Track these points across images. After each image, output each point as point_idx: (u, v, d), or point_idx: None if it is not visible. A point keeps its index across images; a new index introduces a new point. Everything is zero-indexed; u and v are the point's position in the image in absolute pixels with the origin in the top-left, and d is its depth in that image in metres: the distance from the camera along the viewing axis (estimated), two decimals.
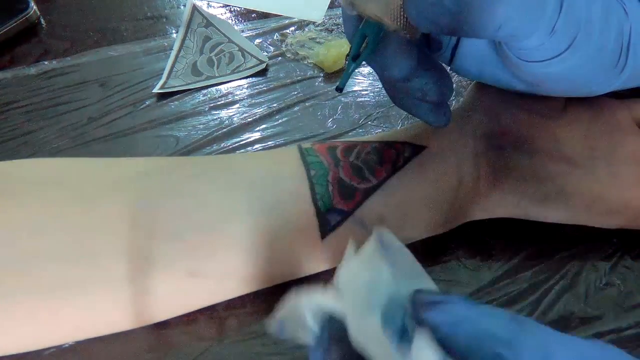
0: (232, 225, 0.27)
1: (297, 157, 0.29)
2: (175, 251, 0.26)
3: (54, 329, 0.25)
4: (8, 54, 0.43)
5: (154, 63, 0.43)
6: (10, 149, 0.36)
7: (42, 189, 0.27)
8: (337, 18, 0.47)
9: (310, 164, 0.29)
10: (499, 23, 0.19)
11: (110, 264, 0.25)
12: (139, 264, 0.25)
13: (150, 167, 0.29)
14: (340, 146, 0.30)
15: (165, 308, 0.27)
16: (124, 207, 0.26)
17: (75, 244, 0.25)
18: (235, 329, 0.28)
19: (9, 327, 0.24)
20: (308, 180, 0.28)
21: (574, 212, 0.28)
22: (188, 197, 0.27)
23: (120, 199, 0.26)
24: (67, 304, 0.25)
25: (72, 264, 0.25)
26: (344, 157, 0.29)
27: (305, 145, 0.31)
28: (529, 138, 0.29)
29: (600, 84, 0.25)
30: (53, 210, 0.26)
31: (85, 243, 0.25)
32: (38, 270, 0.24)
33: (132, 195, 0.27)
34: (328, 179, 0.28)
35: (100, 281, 0.25)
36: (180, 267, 0.26)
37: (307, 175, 0.28)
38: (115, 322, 0.26)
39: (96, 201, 0.26)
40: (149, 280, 0.25)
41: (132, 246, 0.25)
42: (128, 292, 0.25)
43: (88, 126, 0.38)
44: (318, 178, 0.28)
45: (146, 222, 0.26)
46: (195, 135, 0.37)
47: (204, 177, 0.28)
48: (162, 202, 0.27)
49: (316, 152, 0.30)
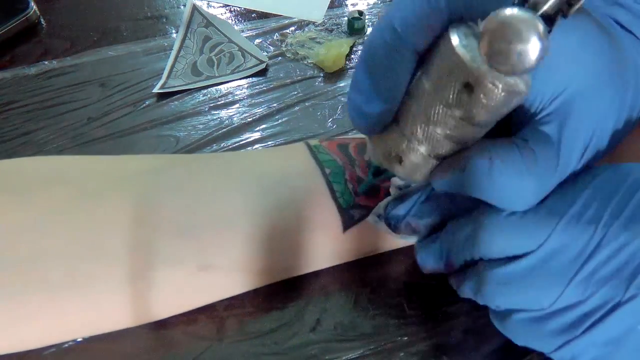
0: (243, 221, 0.27)
1: (307, 154, 0.30)
2: (185, 247, 0.26)
3: (60, 327, 0.25)
4: (8, 54, 0.43)
5: (154, 63, 0.43)
6: (10, 149, 0.36)
7: (46, 186, 0.27)
8: (337, 18, 0.47)
9: (324, 162, 0.29)
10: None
11: (117, 260, 0.25)
12: (146, 260, 0.25)
13: (154, 163, 0.29)
14: (351, 143, 0.30)
15: (172, 304, 0.27)
16: (129, 203, 0.26)
17: (80, 241, 0.25)
18: (235, 329, 0.28)
19: (15, 325, 0.24)
20: (324, 178, 0.28)
21: None
22: (194, 193, 0.27)
23: (125, 195, 0.26)
24: (74, 301, 0.25)
25: (78, 261, 0.25)
26: (358, 156, 0.29)
27: (313, 142, 0.31)
28: None
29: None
30: (58, 208, 0.26)
31: (91, 240, 0.25)
32: (44, 268, 0.24)
33: (138, 192, 0.27)
34: (346, 177, 0.29)
35: (106, 278, 0.25)
36: (191, 262, 0.26)
37: (322, 173, 0.28)
38: (122, 319, 0.26)
39: (101, 198, 0.26)
40: (157, 276, 0.25)
41: (138, 242, 0.25)
42: (134, 289, 0.25)
43: (88, 126, 0.38)
44: (334, 176, 0.28)
45: (152, 218, 0.26)
46: (195, 135, 0.37)
47: (211, 173, 0.28)
48: (168, 198, 0.27)
49: (326, 149, 0.30)
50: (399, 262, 0.31)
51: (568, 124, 0.21)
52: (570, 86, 0.21)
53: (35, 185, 0.27)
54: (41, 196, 0.26)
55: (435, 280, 0.29)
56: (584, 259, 0.21)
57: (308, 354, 0.27)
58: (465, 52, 0.19)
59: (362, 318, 0.28)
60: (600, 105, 0.22)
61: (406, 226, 0.26)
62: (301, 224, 0.28)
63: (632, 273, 0.20)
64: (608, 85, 0.22)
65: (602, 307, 0.21)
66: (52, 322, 0.25)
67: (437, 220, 0.26)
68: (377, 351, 0.27)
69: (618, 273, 0.20)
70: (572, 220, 0.21)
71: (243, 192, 0.28)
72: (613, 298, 0.20)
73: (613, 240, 0.20)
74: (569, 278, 0.21)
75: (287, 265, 0.28)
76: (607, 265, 0.21)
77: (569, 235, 0.21)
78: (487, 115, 0.20)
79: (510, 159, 0.21)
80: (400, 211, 0.25)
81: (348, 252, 0.29)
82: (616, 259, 0.20)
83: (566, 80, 0.21)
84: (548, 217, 0.21)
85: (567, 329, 0.21)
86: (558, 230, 0.21)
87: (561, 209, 0.21)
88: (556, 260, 0.21)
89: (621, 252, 0.20)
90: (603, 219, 0.21)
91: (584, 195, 0.21)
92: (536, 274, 0.22)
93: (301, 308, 0.29)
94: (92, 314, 0.25)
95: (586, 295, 0.21)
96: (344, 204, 0.28)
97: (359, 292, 0.29)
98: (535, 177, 0.21)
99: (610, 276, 0.21)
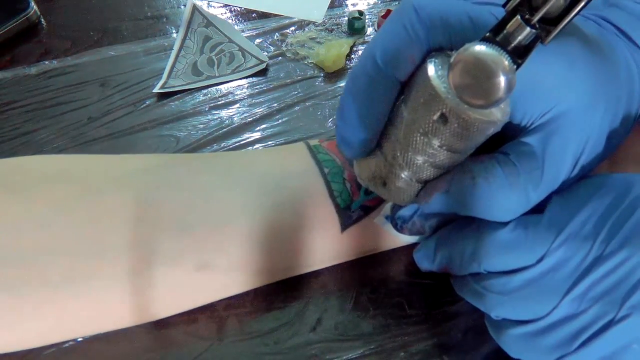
0: (242, 220, 0.27)
1: (307, 153, 0.30)
2: (184, 245, 0.26)
3: (59, 325, 0.25)
4: (8, 54, 0.43)
5: (154, 63, 0.43)
6: (10, 149, 0.36)
7: (47, 183, 0.27)
8: (337, 18, 0.47)
9: (323, 162, 0.29)
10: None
11: (117, 258, 0.25)
12: (146, 257, 0.25)
13: (155, 162, 0.29)
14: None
15: (172, 302, 0.27)
16: (130, 201, 0.26)
17: (81, 239, 0.25)
18: (236, 329, 0.28)
19: (14, 322, 0.24)
20: (322, 178, 0.28)
21: None
22: (195, 191, 0.27)
23: (126, 193, 0.26)
24: (73, 298, 0.25)
25: (79, 258, 0.25)
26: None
27: (312, 142, 0.31)
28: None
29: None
30: (59, 205, 0.26)
31: (91, 237, 0.25)
32: (44, 265, 0.24)
33: (138, 189, 0.27)
34: (344, 176, 0.29)
35: (106, 276, 0.25)
36: (189, 261, 0.26)
37: (321, 172, 0.28)
38: (121, 317, 0.26)
39: (102, 196, 0.26)
40: (156, 274, 0.25)
41: (138, 240, 0.25)
42: (134, 287, 0.25)
43: (88, 126, 0.38)
44: (333, 176, 0.28)
45: (152, 216, 0.26)
46: (195, 135, 0.37)
47: (211, 172, 0.28)
48: (168, 196, 0.27)
49: (326, 149, 0.30)
50: (399, 262, 0.31)
51: (554, 138, 0.21)
52: (559, 105, 0.21)
53: (36, 183, 0.27)
54: (42, 194, 0.26)
55: (436, 280, 0.29)
56: (580, 274, 0.21)
57: (308, 353, 0.27)
58: (439, 83, 0.19)
59: (362, 318, 0.28)
60: (591, 119, 0.22)
61: (412, 226, 0.26)
62: (300, 224, 0.28)
63: (627, 292, 0.20)
64: (599, 100, 0.22)
65: (595, 323, 0.21)
66: (52, 319, 0.25)
67: (441, 221, 0.26)
68: (377, 351, 0.27)
69: (613, 291, 0.21)
70: (571, 236, 0.21)
71: (242, 191, 0.28)
72: (606, 315, 0.21)
73: (610, 258, 0.21)
74: (564, 292, 0.21)
75: (285, 265, 0.28)
76: (602, 283, 0.21)
77: (567, 251, 0.21)
78: (464, 143, 0.21)
79: (492, 176, 0.21)
80: (407, 212, 0.26)
81: (346, 252, 0.29)
82: (612, 276, 0.21)
83: (554, 100, 0.21)
84: (547, 232, 0.22)
85: (562, 344, 0.22)
86: (556, 246, 0.21)
87: (560, 223, 0.22)
88: (554, 274, 0.22)
89: (617, 270, 0.20)
90: (601, 235, 0.21)
91: (584, 211, 0.22)
92: (535, 287, 0.22)
93: (301, 308, 0.29)
94: (92, 312, 0.25)
95: (580, 310, 0.21)
96: (342, 204, 0.28)
97: (359, 292, 0.29)
98: (519, 190, 0.21)
99: (605, 293, 0.21)
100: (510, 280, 0.22)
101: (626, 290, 0.20)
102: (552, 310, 0.22)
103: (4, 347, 0.25)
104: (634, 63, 0.24)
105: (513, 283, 0.22)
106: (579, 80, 0.21)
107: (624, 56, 0.24)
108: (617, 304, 0.20)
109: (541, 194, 0.22)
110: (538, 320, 0.22)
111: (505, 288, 0.23)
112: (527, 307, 0.22)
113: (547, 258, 0.22)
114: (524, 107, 0.21)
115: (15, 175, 0.27)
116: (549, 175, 0.22)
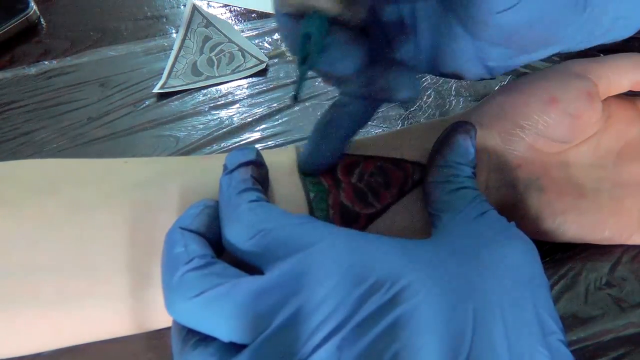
0: (231, 246, 0.26)
1: (294, 171, 0.28)
2: None
3: (53, 338, 0.25)
4: (8, 54, 0.43)
5: (154, 63, 0.43)
6: (10, 149, 0.36)
7: (37, 197, 0.26)
8: None
9: (309, 184, 0.27)
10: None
11: (109, 277, 0.25)
12: (137, 279, 0.25)
13: (148, 173, 0.28)
14: (339, 163, 0.28)
15: (166, 318, 0.26)
16: (121, 219, 0.26)
17: (72, 257, 0.25)
18: None
19: (8, 336, 0.24)
20: (307, 204, 0.27)
21: (570, 237, 0.28)
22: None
23: (116, 210, 0.26)
24: (66, 316, 0.24)
25: (70, 277, 0.24)
26: (345, 178, 0.28)
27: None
28: (541, 170, 0.28)
29: (566, 28, 0.22)
30: (49, 221, 0.25)
31: (82, 256, 0.25)
32: (36, 282, 0.24)
33: (129, 206, 0.26)
34: (328, 202, 0.27)
35: (99, 295, 0.25)
36: None
37: (306, 197, 0.27)
38: (115, 332, 0.26)
39: (92, 212, 0.26)
40: (149, 295, 0.25)
41: (130, 261, 0.25)
42: (128, 305, 0.25)
43: (88, 126, 0.38)
44: (317, 202, 0.27)
45: (143, 237, 0.25)
46: (195, 135, 0.37)
47: (201, 189, 0.27)
48: (159, 216, 0.26)
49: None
50: None
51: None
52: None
53: (26, 195, 0.26)
54: (32, 208, 0.26)
55: None
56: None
57: None
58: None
59: None
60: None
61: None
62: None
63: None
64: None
65: None
66: (44, 334, 0.25)
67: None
68: None
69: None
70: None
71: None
72: None
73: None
74: None
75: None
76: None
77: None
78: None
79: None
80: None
81: None
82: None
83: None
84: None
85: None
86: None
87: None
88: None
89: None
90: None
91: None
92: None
93: None
94: (85, 328, 0.25)
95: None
96: None
97: None
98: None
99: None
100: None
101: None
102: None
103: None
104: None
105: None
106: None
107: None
108: None
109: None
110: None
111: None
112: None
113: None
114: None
115: (4, 186, 0.27)
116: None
